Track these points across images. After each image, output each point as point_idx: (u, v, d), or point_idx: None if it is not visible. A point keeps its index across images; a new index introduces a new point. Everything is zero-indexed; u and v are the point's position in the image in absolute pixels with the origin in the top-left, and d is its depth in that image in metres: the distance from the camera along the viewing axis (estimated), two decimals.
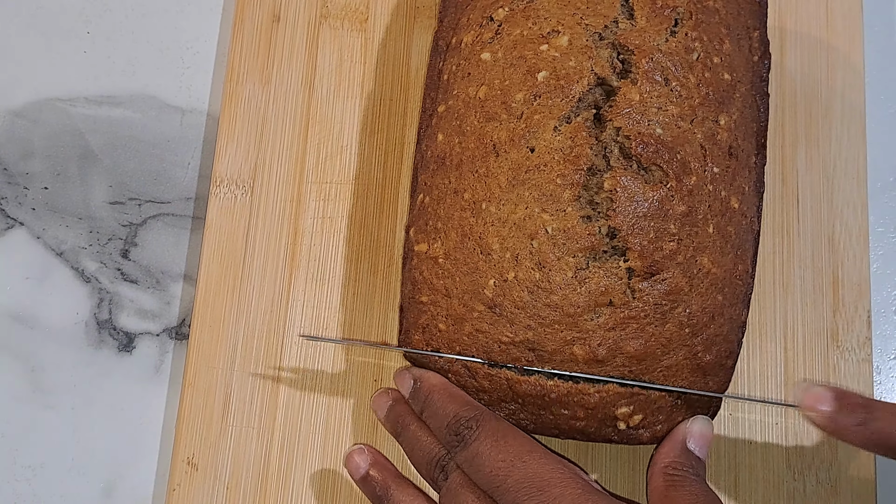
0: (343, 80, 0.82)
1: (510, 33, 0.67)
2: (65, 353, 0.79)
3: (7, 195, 0.82)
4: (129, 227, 0.81)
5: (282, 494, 0.74)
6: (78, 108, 0.84)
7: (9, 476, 0.77)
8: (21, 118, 0.83)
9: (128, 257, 0.81)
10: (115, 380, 0.79)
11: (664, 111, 0.64)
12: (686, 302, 0.64)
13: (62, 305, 0.80)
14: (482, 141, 0.66)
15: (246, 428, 0.75)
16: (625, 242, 0.63)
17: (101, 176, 0.82)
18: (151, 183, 0.82)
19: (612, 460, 0.75)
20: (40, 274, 0.81)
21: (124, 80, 0.85)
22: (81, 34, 0.86)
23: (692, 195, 0.64)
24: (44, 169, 0.82)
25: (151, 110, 0.84)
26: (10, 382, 0.78)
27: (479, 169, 0.66)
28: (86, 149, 0.83)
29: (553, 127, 0.64)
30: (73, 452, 0.77)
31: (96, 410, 0.78)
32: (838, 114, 0.80)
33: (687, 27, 0.67)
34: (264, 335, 0.77)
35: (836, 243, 0.78)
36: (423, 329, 0.68)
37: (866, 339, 0.76)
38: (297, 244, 0.78)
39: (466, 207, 0.66)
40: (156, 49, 0.86)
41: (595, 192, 0.63)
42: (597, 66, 0.65)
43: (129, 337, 0.80)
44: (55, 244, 0.81)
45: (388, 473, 0.69)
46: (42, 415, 0.78)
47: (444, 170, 0.68)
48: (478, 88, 0.67)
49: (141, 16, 0.86)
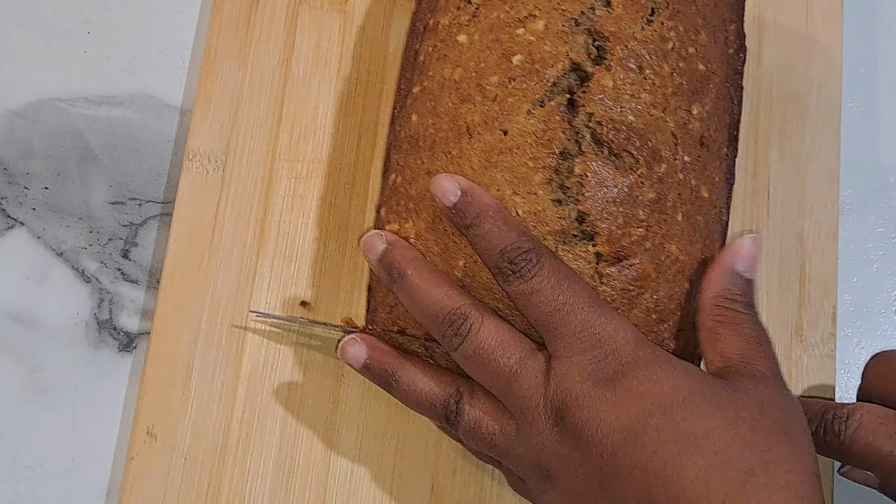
0: (320, 60, 0.82)
1: (487, 16, 0.67)
2: (65, 353, 0.79)
3: (7, 195, 0.81)
4: (129, 227, 0.81)
5: (239, 468, 0.74)
6: (78, 108, 0.83)
7: (8, 476, 0.77)
8: (21, 118, 0.83)
9: (128, 257, 0.81)
10: (116, 380, 0.79)
11: (637, 98, 0.64)
12: (653, 288, 0.64)
13: (62, 305, 0.80)
14: (456, 122, 0.66)
15: (207, 401, 0.75)
16: (593, 227, 0.63)
17: (102, 176, 0.82)
18: (152, 183, 0.82)
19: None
20: (40, 274, 0.80)
21: (124, 80, 0.85)
22: (81, 34, 0.86)
23: (662, 183, 0.64)
24: (44, 169, 0.82)
25: (151, 110, 0.84)
26: (10, 382, 0.78)
27: (452, 150, 0.66)
28: (86, 149, 0.83)
29: (527, 110, 0.64)
30: (73, 452, 0.77)
31: (96, 410, 0.78)
32: (814, 110, 0.81)
33: (663, 17, 0.67)
34: (230, 310, 0.77)
35: (806, 239, 0.78)
36: (390, 308, 0.68)
37: (830, 335, 0.76)
38: (267, 221, 0.78)
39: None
40: (156, 49, 0.85)
41: (566, 177, 0.63)
42: (572, 52, 0.65)
43: (130, 337, 0.79)
44: (55, 244, 0.81)
45: (387, 356, 0.68)
46: (42, 415, 0.78)
47: (416, 150, 0.68)
48: (453, 70, 0.67)
49: (141, 16, 0.86)
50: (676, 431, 0.56)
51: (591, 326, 0.60)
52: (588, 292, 0.61)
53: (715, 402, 0.58)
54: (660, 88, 0.65)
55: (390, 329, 0.68)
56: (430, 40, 0.70)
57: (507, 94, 0.65)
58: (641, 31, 0.66)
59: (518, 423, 0.62)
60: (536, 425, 0.60)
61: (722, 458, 0.55)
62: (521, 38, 0.66)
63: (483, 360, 0.62)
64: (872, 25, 0.86)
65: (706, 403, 0.57)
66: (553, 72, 0.65)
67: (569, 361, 0.60)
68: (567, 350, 0.60)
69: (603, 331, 0.60)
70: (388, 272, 0.66)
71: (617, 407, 0.58)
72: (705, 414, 0.57)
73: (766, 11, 0.82)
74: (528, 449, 0.61)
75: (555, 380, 0.60)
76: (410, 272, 0.65)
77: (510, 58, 0.65)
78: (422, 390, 0.66)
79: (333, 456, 0.74)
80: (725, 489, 0.54)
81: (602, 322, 0.60)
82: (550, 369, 0.60)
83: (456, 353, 0.63)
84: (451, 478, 0.74)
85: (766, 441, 0.56)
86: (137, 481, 0.74)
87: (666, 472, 0.55)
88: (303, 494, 0.74)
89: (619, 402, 0.58)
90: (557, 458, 0.60)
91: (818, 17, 0.83)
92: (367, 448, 0.74)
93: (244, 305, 0.77)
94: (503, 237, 0.62)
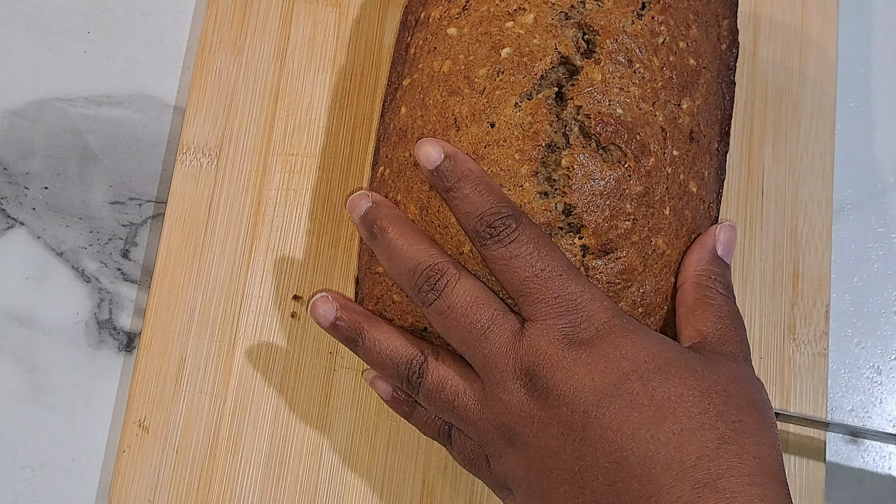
0: (315, 54, 0.82)
1: (477, 9, 0.67)
2: (65, 353, 0.79)
3: (7, 195, 0.82)
4: (129, 227, 0.81)
5: (230, 461, 0.74)
6: (78, 108, 0.84)
7: (8, 476, 0.77)
8: (21, 118, 0.83)
9: (128, 257, 0.81)
10: (116, 380, 0.79)
11: (626, 92, 0.64)
12: (639, 282, 0.64)
13: (62, 305, 0.80)
14: (444, 115, 0.66)
15: (199, 394, 0.75)
16: (580, 220, 0.63)
17: (102, 176, 0.82)
18: (152, 183, 0.82)
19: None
20: (40, 274, 0.80)
21: (124, 80, 0.85)
22: (81, 34, 0.86)
23: (650, 176, 0.64)
24: (44, 169, 0.82)
25: (151, 110, 0.84)
26: (10, 382, 0.78)
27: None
28: (86, 149, 0.83)
29: (514, 103, 0.64)
30: (73, 452, 0.77)
31: (96, 410, 0.78)
32: (808, 107, 0.80)
33: (654, 11, 0.67)
34: (222, 303, 0.77)
35: (799, 237, 0.78)
36: (377, 300, 0.68)
37: (823, 334, 0.76)
38: (260, 215, 0.78)
39: (426, 181, 0.66)
40: (156, 49, 0.86)
41: (553, 169, 0.63)
42: (561, 45, 0.65)
43: (130, 337, 0.79)
44: (55, 244, 0.81)
45: (357, 314, 0.68)
46: (42, 415, 0.78)
47: (405, 142, 0.68)
48: (442, 63, 0.67)
49: (140, 16, 0.86)
50: (651, 397, 0.57)
51: (569, 293, 0.60)
52: (566, 262, 0.62)
53: (690, 371, 0.58)
54: (649, 82, 0.65)
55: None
56: (420, 33, 0.71)
57: (495, 87, 0.65)
58: (631, 24, 0.66)
59: (485, 383, 0.62)
60: (504, 385, 0.61)
61: (695, 424, 0.56)
62: (511, 31, 0.66)
63: (455, 317, 0.62)
64: (871, 26, 0.86)
65: (682, 372, 0.58)
66: (541, 65, 0.65)
67: (544, 324, 0.60)
68: (542, 314, 0.60)
69: (581, 297, 0.60)
70: (370, 230, 0.66)
71: (591, 370, 0.58)
72: (681, 382, 0.57)
73: (761, 7, 0.82)
74: (491, 410, 0.61)
75: (528, 340, 0.60)
76: (391, 229, 0.65)
77: (499, 51, 0.65)
78: (387, 348, 0.66)
79: (325, 450, 0.74)
80: (697, 453, 0.55)
81: (580, 290, 0.61)
82: (524, 330, 0.61)
83: (430, 308, 0.63)
84: (443, 473, 0.74)
85: (737, 413, 0.57)
86: (129, 474, 0.74)
87: (639, 435, 0.56)
88: (294, 488, 0.74)
89: (594, 364, 0.58)
90: (524, 418, 0.60)
91: (813, 14, 0.82)
92: (359, 442, 0.74)
93: (237, 299, 0.77)
94: (483, 201, 0.62)
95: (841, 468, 0.76)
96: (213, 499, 0.73)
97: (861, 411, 0.78)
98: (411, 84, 0.69)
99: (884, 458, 0.77)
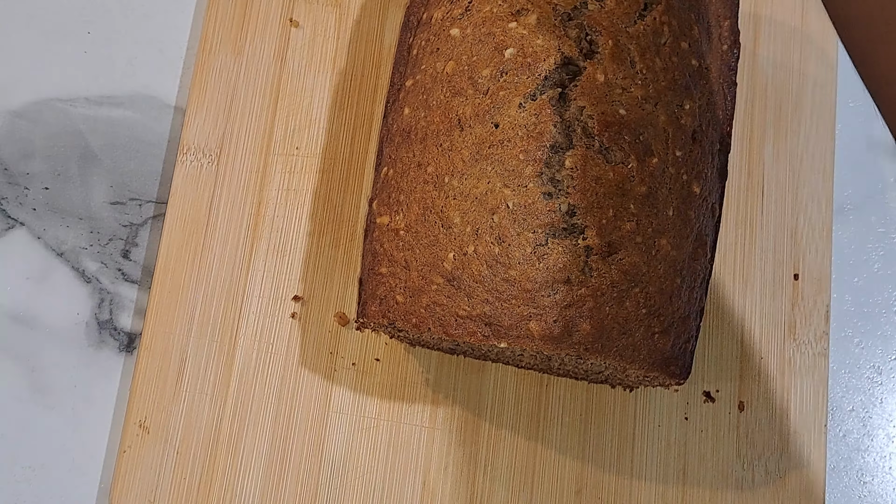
0: (315, 54, 0.82)
1: (480, 10, 0.67)
2: (65, 354, 0.79)
3: (7, 195, 0.81)
4: (129, 228, 0.81)
5: (231, 461, 0.74)
6: (78, 108, 0.83)
7: (8, 476, 0.76)
8: (21, 118, 0.83)
9: (128, 257, 0.81)
10: (116, 380, 0.78)
11: (628, 93, 0.64)
12: (644, 282, 0.64)
13: (62, 306, 0.80)
14: (447, 115, 0.66)
15: (199, 394, 0.75)
16: (584, 220, 0.63)
17: (102, 176, 0.82)
18: (152, 183, 0.82)
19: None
20: (41, 274, 0.80)
21: (124, 81, 0.84)
22: (81, 34, 0.86)
23: (653, 177, 0.64)
24: (44, 169, 0.82)
25: (151, 110, 0.84)
26: (10, 382, 0.78)
27: (444, 143, 0.66)
28: (86, 149, 0.82)
29: (518, 104, 0.64)
30: (73, 452, 0.77)
31: (96, 410, 0.78)
32: (808, 107, 0.81)
33: (657, 12, 0.67)
34: (223, 304, 0.77)
35: (799, 237, 0.78)
36: (380, 300, 0.68)
37: (823, 334, 0.76)
38: (261, 215, 0.78)
39: (429, 181, 0.66)
40: (156, 49, 0.85)
41: (557, 170, 0.63)
42: (564, 46, 0.65)
43: (130, 337, 0.79)
44: (56, 244, 0.80)
45: None
46: (42, 415, 0.77)
47: (408, 143, 0.68)
48: (445, 63, 0.67)
49: (141, 16, 0.86)
50: None
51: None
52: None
53: None
54: (652, 83, 0.65)
55: (380, 322, 0.68)
56: (423, 34, 0.71)
57: (499, 88, 0.65)
58: (634, 25, 0.66)
59: None
60: None
61: None
62: (514, 31, 0.66)
63: None
64: None
65: None
66: (545, 66, 0.65)
67: None
68: None
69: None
70: None
71: None
72: None
73: (761, 8, 0.82)
74: None
75: None
76: None
77: (502, 51, 0.65)
78: None
79: (325, 450, 0.74)
80: None
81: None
82: None
83: None
84: (443, 473, 0.74)
85: None
86: (129, 474, 0.74)
87: None
88: (294, 488, 0.74)
89: None
90: None
91: (813, 14, 0.82)
92: (359, 443, 0.74)
93: (238, 300, 0.77)
94: None
95: (841, 468, 0.77)
96: (214, 499, 0.73)
97: (861, 411, 0.78)
98: (414, 85, 0.69)
99: (884, 458, 0.77)
